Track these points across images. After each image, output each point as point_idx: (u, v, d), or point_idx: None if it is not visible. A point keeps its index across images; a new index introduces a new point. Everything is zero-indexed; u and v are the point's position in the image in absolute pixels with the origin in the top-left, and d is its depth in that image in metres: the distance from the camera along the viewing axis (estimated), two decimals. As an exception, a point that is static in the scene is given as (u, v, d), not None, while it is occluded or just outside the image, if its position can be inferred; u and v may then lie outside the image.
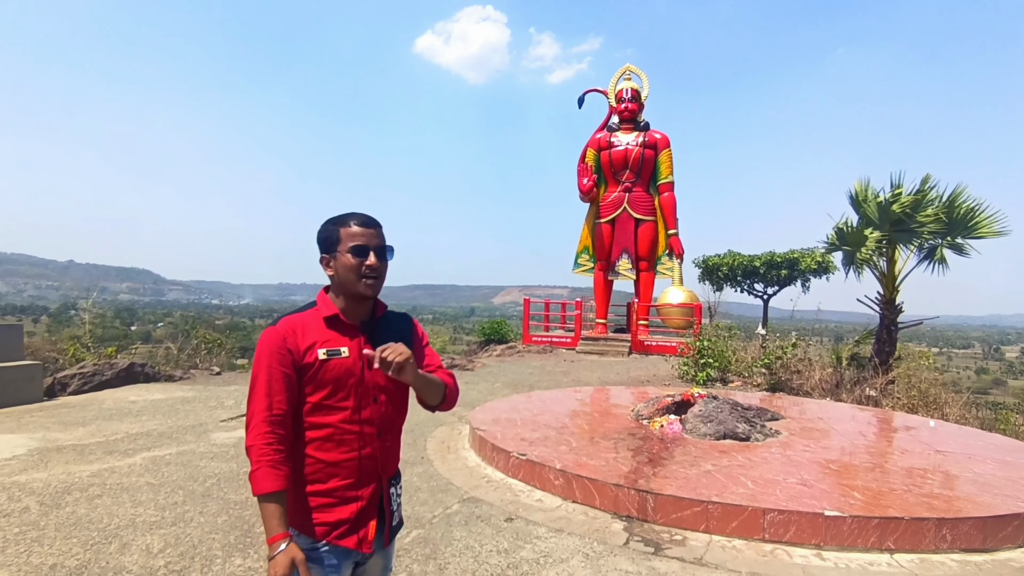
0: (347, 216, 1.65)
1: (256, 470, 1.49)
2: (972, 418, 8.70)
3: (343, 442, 1.60)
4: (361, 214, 1.65)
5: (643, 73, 17.13)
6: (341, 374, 1.59)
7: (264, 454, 1.49)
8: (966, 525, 3.63)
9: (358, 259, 1.59)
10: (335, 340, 1.62)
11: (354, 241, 1.60)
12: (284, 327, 1.58)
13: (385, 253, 1.65)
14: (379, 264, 1.62)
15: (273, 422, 1.52)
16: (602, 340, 15.93)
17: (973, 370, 49.74)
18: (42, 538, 3.50)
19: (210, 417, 6.88)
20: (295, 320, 1.62)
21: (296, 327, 1.59)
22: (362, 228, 1.62)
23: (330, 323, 1.63)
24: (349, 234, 1.61)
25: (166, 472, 4.79)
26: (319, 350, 1.58)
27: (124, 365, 9.11)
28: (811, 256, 17.02)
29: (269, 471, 1.48)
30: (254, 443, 1.50)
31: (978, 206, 8.93)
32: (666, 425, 5.85)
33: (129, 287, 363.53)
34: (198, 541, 3.52)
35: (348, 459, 1.61)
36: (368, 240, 1.61)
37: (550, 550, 3.55)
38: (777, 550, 3.59)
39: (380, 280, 1.64)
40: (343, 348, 1.61)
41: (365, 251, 1.60)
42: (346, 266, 1.60)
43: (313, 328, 1.61)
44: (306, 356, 1.57)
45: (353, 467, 1.61)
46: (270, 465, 1.49)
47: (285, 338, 1.56)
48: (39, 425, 6.30)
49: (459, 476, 4.94)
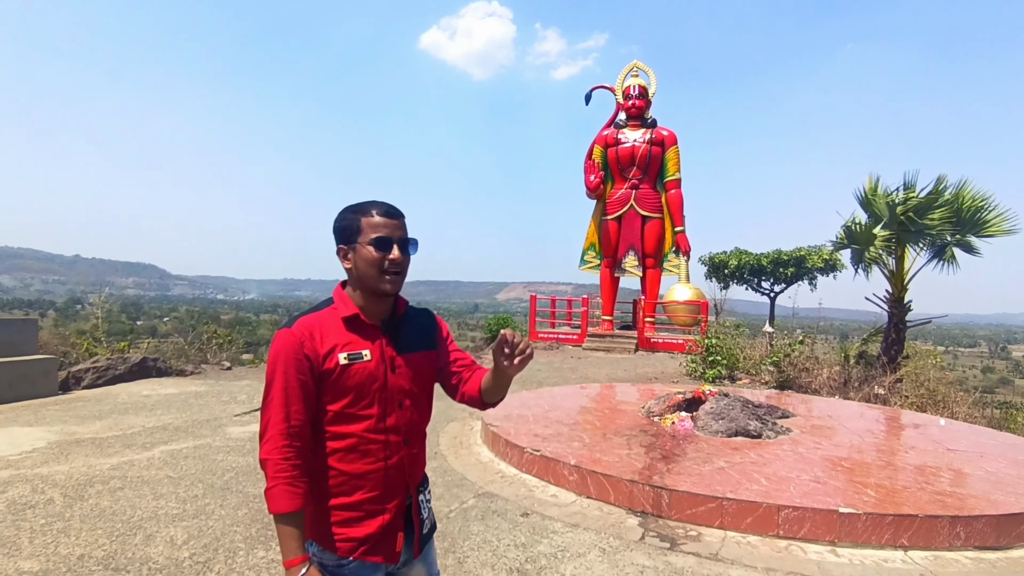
0: (369, 204, 1.51)
1: (272, 487, 1.38)
2: (980, 417, 8.72)
3: (368, 452, 1.49)
4: (384, 203, 1.52)
5: (650, 70, 17.10)
6: (364, 379, 1.47)
7: (281, 470, 1.38)
8: (980, 523, 3.65)
9: (380, 253, 1.47)
10: (356, 343, 1.49)
11: (376, 232, 1.47)
12: (300, 329, 1.45)
13: (409, 246, 1.53)
14: (402, 258, 1.49)
15: (291, 434, 1.41)
16: (608, 337, 15.96)
17: (979, 368, 49.58)
18: (68, 529, 3.56)
19: (224, 411, 6.94)
20: (312, 321, 1.48)
21: (313, 329, 1.46)
22: (385, 219, 1.49)
23: (350, 324, 1.51)
24: (371, 224, 1.48)
25: (184, 465, 4.86)
26: (340, 354, 1.46)
27: (137, 360, 9.20)
28: (818, 254, 17.00)
29: (287, 489, 1.38)
30: (270, 457, 1.40)
31: (987, 203, 8.90)
32: (677, 422, 5.89)
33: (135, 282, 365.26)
34: (220, 533, 3.58)
35: (373, 470, 1.49)
36: (392, 232, 1.48)
37: (567, 544, 3.59)
38: (792, 546, 3.63)
39: (402, 275, 1.52)
40: (365, 351, 1.49)
41: (388, 244, 1.47)
42: (367, 260, 1.47)
43: (332, 330, 1.49)
44: (326, 361, 1.45)
45: (379, 479, 1.50)
46: (287, 482, 1.38)
47: (302, 342, 1.43)
48: (56, 418, 6.37)
49: (473, 471, 4.98)
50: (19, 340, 7.83)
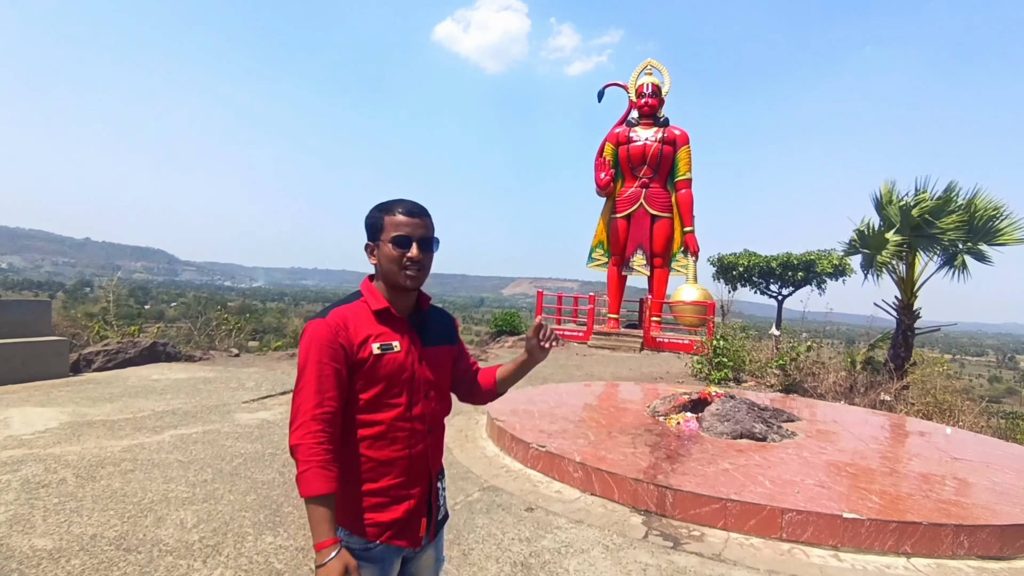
0: (393, 203, 1.58)
1: (305, 471, 1.40)
2: (987, 426, 8.68)
3: (396, 439, 1.56)
4: (408, 201, 1.58)
5: (664, 68, 17.03)
6: (394, 370, 1.55)
7: (314, 454, 1.41)
8: (984, 532, 3.66)
9: (400, 250, 1.54)
10: (388, 334, 1.57)
11: (397, 231, 1.54)
12: (335, 319, 1.52)
13: (430, 244, 1.59)
14: (421, 256, 1.55)
15: (324, 420, 1.44)
16: (614, 335, 15.96)
17: (986, 378, 49.23)
18: (80, 509, 3.63)
19: (232, 398, 7.01)
20: (345, 312, 1.55)
21: (347, 320, 1.53)
22: (407, 217, 1.55)
23: (380, 316, 1.58)
24: (393, 223, 1.55)
25: (194, 450, 4.92)
26: (373, 344, 1.53)
27: (147, 344, 9.30)
28: (827, 259, 16.90)
29: (320, 472, 1.40)
30: (302, 441, 1.42)
31: (1000, 211, 8.84)
32: (683, 422, 5.90)
33: (144, 266, 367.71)
34: (229, 518, 3.63)
35: (400, 457, 1.56)
36: (412, 230, 1.55)
37: (571, 540, 3.62)
38: (794, 549, 3.65)
39: (423, 272, 1.58)
40: (395, 343, 1.57)
41: (408, 242, 1.54)
42: (388, 256, 1.55)
43: (364, 321, 1.55)
44: (360, 351, 1.51)
45: (405, 465, 1.57)
46: (320, 466, 1.40)
47: (337, 331, 1.50)
48: (68, 400, 6.46)
49: (478, 465, 5.02)
50: (33, 320, 7.94)
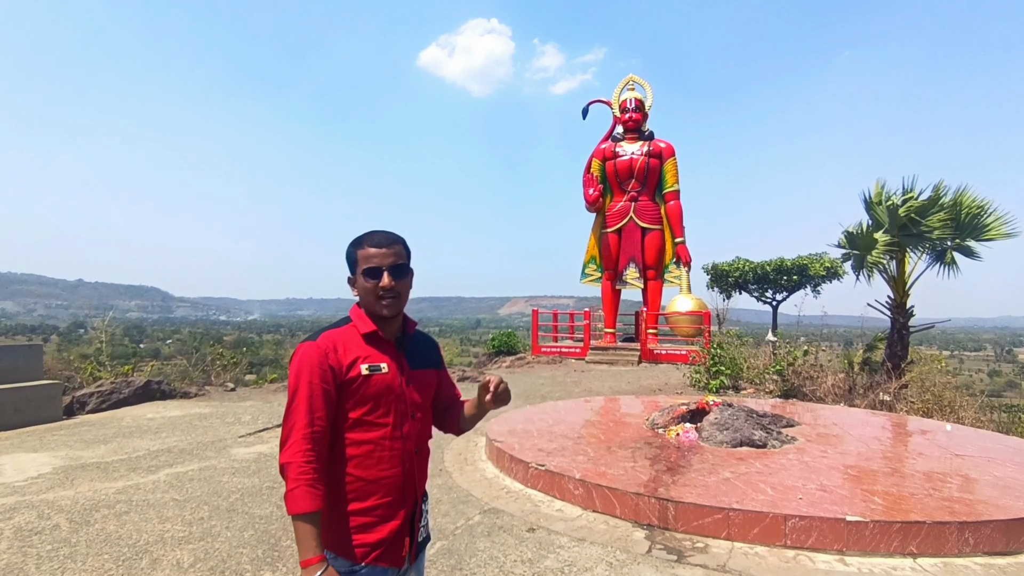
0: (364, 237, 1.65)
1: (293, 488, 1.46)
2: (988, 421, 8.66)
3: (383, 459, 1.60)
4: (378, 233, 1.65)
5: (646, 83, 17.27)
6: (382, 390, 1.60)
7: (303, 472, 1.46)
8: (989, 528, 3.63)
9: (372, 281, 1.60)
10: (375, 356, 1.62)
11: (368, 263, 1.61)
12: (325, 342, 1.58)
13: (402, 271, 1.64)
14: (393, 285, 1.61)
15: (313, 439, 1.50)
16: (611, 349, 15.94)
17: (986, 372, 49.25)
18: (74, 555, 3.56)
19: (228, 433, 6.94)
20: (335, 335, 1.61)
21: (336, 342, 1.59)
22: (375, 249, 1.61)
23: (369, 339, 1.64)
24: (364, 256, 1.62)
25: (190, 488, 4.85)
26: (361, 365, 1.58)
27: (141, 383, 9.21)
28: (820, 262, 17.01)
29: (307, 490, 1.45)
30: (292, 460, 1.47)
31: (986, 207, 8.95)
32: (682, 433, 5.87)
33: (138, 304, 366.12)
34: (227, 555, 3.57)
35: (387, 476, 1.60)
36: (381, 260, 1.60)
37: (574, 559, 3.58)
38: (800, 556, 3.61)
39: (399, 299, 1.64)
40: (383, 364, 1.62)
41: (378, 273, 1.60)
42: (364, 288, 1.62)
43: (353, 343, 1.61)
44: (349, 371, 1.57)
45: (391, 484, 1.61)
46: (308, 484, 1.46)
47: (327, 353, 1.55)
48: (61, 443, 6.38)
49: (478, 487, 4.97)
50: (24, 365, 7.87)
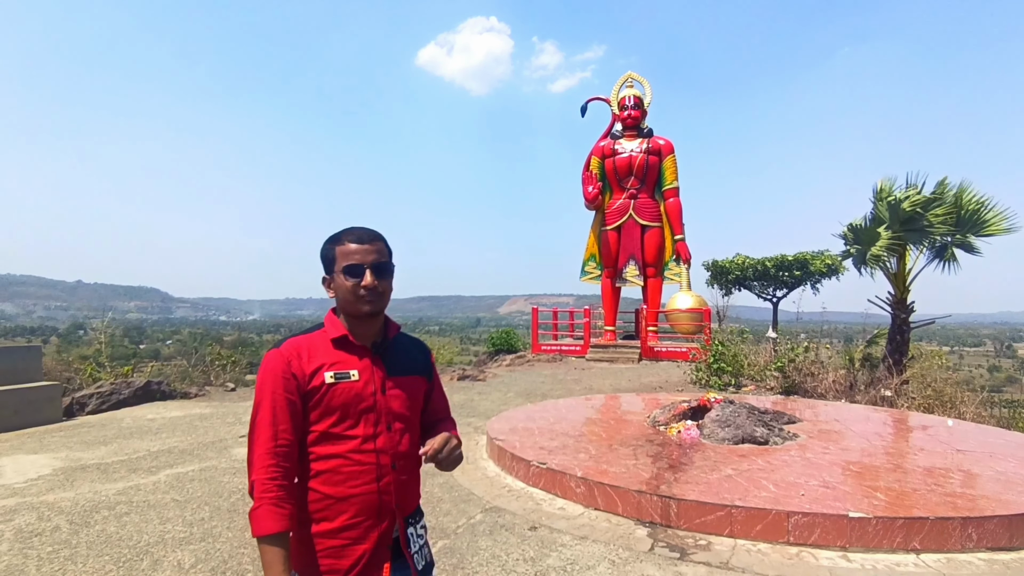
0: (343, 233, 1.54)
1: (257, 507, 1.36)
2: (989, 416, 8.66)
3: (352, 474, 1.46)
4: (357, 229, 1.55)
5: (645, 80, 17.25)
6: (350, 399, 1.48)
7: (267, 490, 1.37)
8: (992, 523, 3.62)
9: (353, 280, 1.49)
10: (344, 362, 1.51)
11: (348, 260, 1.50)
12: (288, 349, 1.48)
13: (384, 269, 1.53)
14: (375, 283, 1.50)
15: (278, 454, 1.40)
16: (612, 347, 15.93)
17: (986, 368, 49.29)
18: (75, 556, 3.55)
19: (228, 433, 6.93)
20: (300, 342, 1.51)
21: (301, 349, 1.49)
22: (357, 245, 1.51)
23: (338, 344, 1.53)
24: (343, 253, 1.51)
25: (190, 488, 4.84)
26: (326, 373, 1.47)
27: (141, 383, 9.20)
28: (821, 259, 16.99)
29: (272, 509, 1.36)
30: (257, 478, 1.38)
31: (986, 203, 8.95)
32: (683, 431, 5.86)
33: (137, 305, 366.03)
34: (228, 556, 3.56)
35: (358, 494, 1.46)
36: (363, 258, 1.50)
37: (576, 557, 3.57)
38: (803, 553, 3.60)
39: (381, 298, 1.53)
40: (352, 371, 1.50)
41: (359, 270, 1.49)
42: (342, 287, 1.51)
43: (320, 350, 1.51)
44: (312, 380, 1.46)
45: (363, 502, 1.47)
46: (272, 503, 1.36)
47: (289, 361, 1.45)
48: (61, 445, 6.36)
49: (480, 486, 4.96)
50: (23, 367, 7.84)
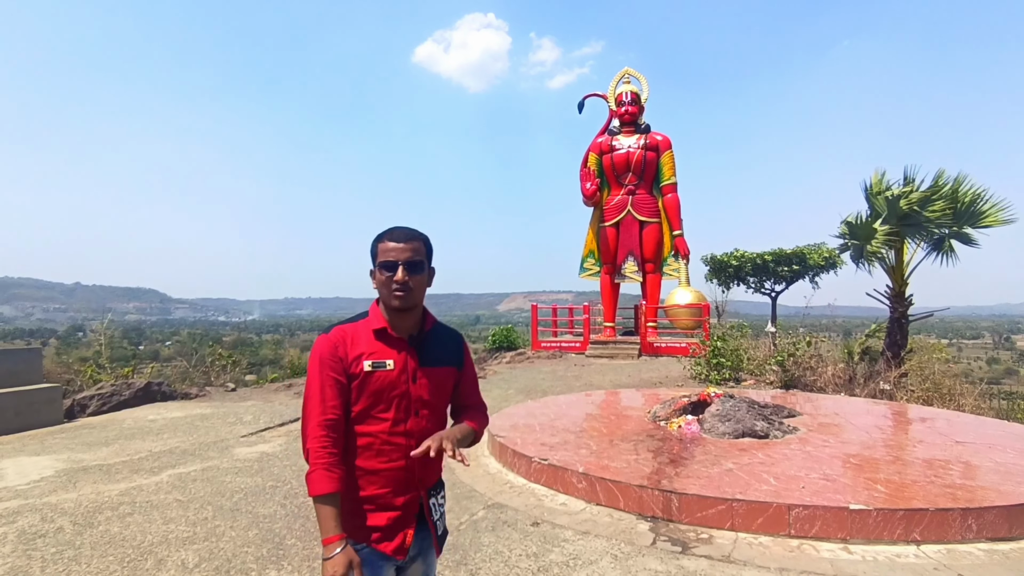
0: (386, 232, 1.70)
1: (312, 472, 1.56)
2: (988, 408, 8.70)
3: (382, 452, 1.66)
4: (398, 229, 1.70)
5: (642, 76, 17.22)
6: (384, 386, 1.66)
7: (319, 456, 1.56)
8: (991, 514, 3.65)
9: (387, 274, 1.66)
10: (382, 352, 1.68)
11: (385, 257, 1.66)
12: (336, 335, 1.66)
13: (417, 267, 1.67)
14: (406, 279, 1.64)
15: (327, 425, 1.59)
16: (611, 343, 15.94)
17: (984, 360, 49.41)
18: (79, 557, 3.56)
19: (230, 433, 6.94)
20: (347, 329, 1.69)
21: (347, 336, 1.67)
22: (393, 243, 1.67)
23: (378, 335, 1.69)
24: (383, 249, 1.67)
25: (193, 488, 4.85)
26: (365, 361, 1.64)
27: (141, 384, 9.20)
28: (818, 252, 17.00)
29: (324, 473, 1.55)
30: (311, 447, 1.58)
31: (983, 194, 8.96)
32: (684, 425, 5.88)
33: (136, 307, 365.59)
34: (232, 555, 3.57)
35: (386, 469, 1.67)
36: (398, 255, 1.65)
37: (579, 552, 3.58)
38: (804, 545, 3.62)
39: (412, 294, 1.67)
40: (388, 361, 1.67)
41: (393, 266, 1.65)
42: (379, 281, 1.68)
43: (363, 339, 1.68)
44: (353, 366, 1.64)
45: (391, 476, 1.67)
46: (324, 467, 1.55)
47: (336, 345, 1.64)
48: (63, 446, 6.37)
49: (482, 483, 4.98)
50: (24, 369, 7.85)
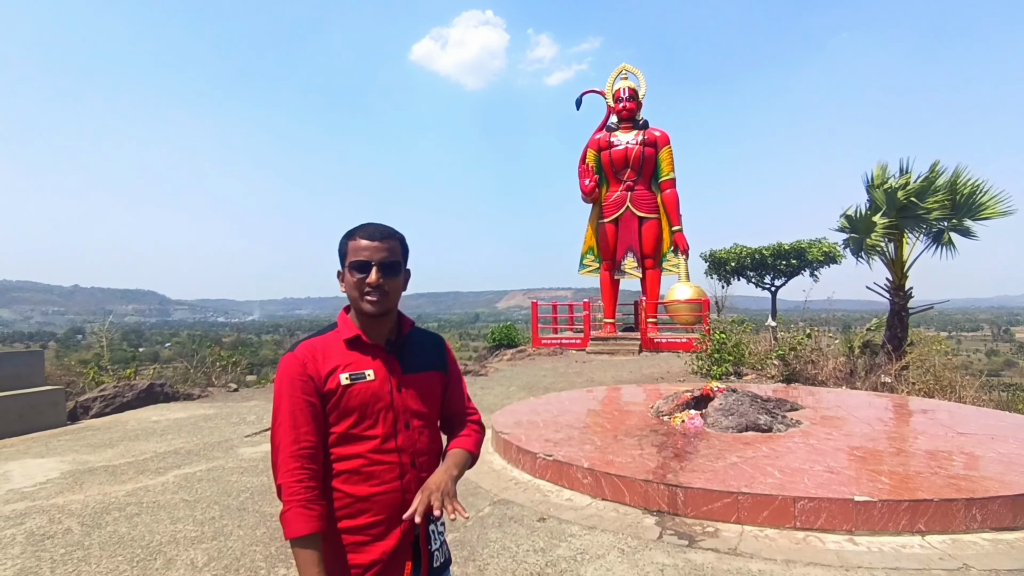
0: (357, 229, 1.55)
1: (287, 511, 1.36)
2: (988, 400, 8.73)
3: (373, 474, 1.47)
4: (371, 226, 1.54)
5: (639, 72, 17.23)
6: (367, 399, 1.48)
7: (294, 492, 1.36)
8: (995, 504, 3.67)
9: (358, 275, 1.49)
10: (358, 362, 1.50)
11: (356, 256, 1.50)
12: (303, 352, 1.48)
13: (393, 268, 1.51)
14: (381, 281, 1.49)
15: (302, 456, 1.40)
16: (612, 340, 15.97)
17: (984, 352, 49.55)
18: (88, 557, 3.57)
19: (234, 433, 6.95)
20: (315, 344, 1.51)
21: (316, 351, 1.49)
22: (367, 241, 1.50)
23: (351, 345, 1.53)
24: (354, 248, 1.51)
25: (199, 488, 4.87)
26: (341, 375, 1.47)
27: (144, 386, 9.21)
28: (818, 247, 17.06)
29: (301, 511, 1.35)
30: (284, 481, 1.38)
31: (981, 186, 8.98)
32: (687, 420, 5.90)
33: (135, 308, 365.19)
34: (240, 554, 3.58)
35: (379, 492, 1.47)
36: (371, 255, 1.49)
37: (585, 547, 3.60)
38: (810, 537, 3.64)
39: (386, 297, 1.51)
40: (368, 371, 1.50)
41: (366, 267, 1.49)
42: (349, 283, 1.52)
43: (334, 351, 1.51)
44: (328, 382, 1.46)
45: (385, 501, 1.47)
46: (301, 504, 1.36)
47: (305, 364, 1.46)
48: (67, 448, 6.38)
49: (487, 479, 4.99)
50: (26, 372, 7.85)
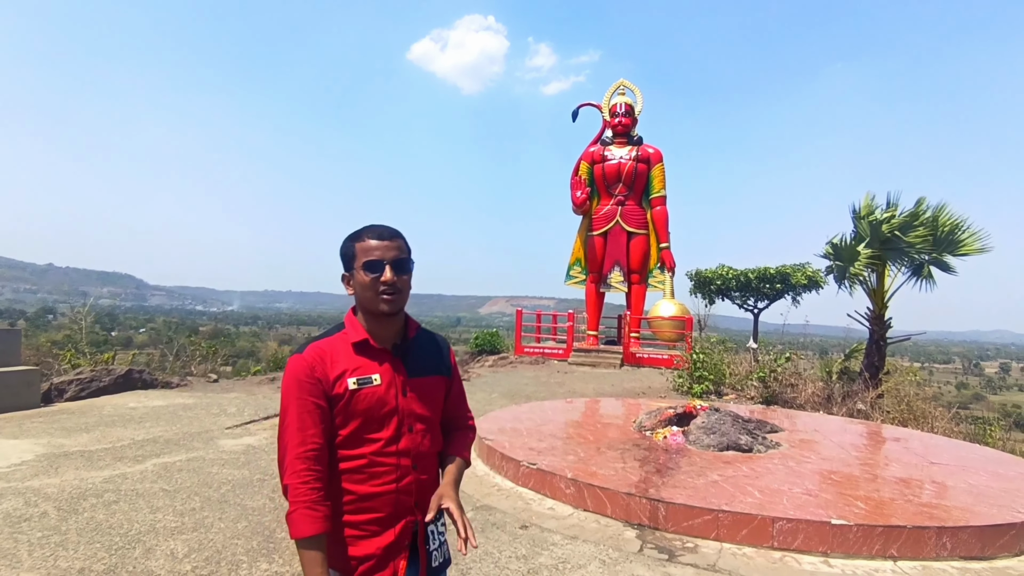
0: (363, 230, 1.57)
1: (293, 511, 1.39)
2: (958, 432, 8.95)
3: (376, 475, 1.51)
4: (379, 226, 1.57)
5: (637, 88, 17.44)
6: (373, 404, 1.51)
7: (300, 494, 1.40)
8: (965, 534, 3.78)
9: (372, 275, 1.51)
10: (366, 367, 1.53)
11: (368, 256, 1.52)
12: (312, 354, 1.50)
13: (404, 266, 1.55)
14: (395, 279, 1.52)
15: (308, 458, 1.42)
16: (594, 352, 16.04)
17: (954, 384, 50.64)
18: (65, 543, 3.52)
19: (214, 424, 6.88)
20: (323, 346, 1.53)
21: (324, 354, 1.51)
22: (377, 241, 1.53)
23: (359, 348, 1.55)
24: (364, 249, 1.53)
25: (179, 478, 4.82)
26: (349, 379, 1.50)
27: (122, 372, 9.06)
28: (802, 271, 17.36)
29: (307, 513, 1.39)
30: (290, 482, 1.41)
31: (961, 224, 9.26)
32: (669, 436, 5.97)
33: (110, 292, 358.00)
34: (221, 546, 3.56)
35: (381, 492, 1.51)
36: (383, 253, 1.52)
37: (567, 556, 3.64)
38: (786, 557, 3.72)
39: (400, 295, 1.54)
40: (375, 376, 1.53)
41: (379, 266, 1.51)
42: (362, 284, 1.53)
43: (342, 354, 1.53)
44: (335, 386, 1.48)
45: (386, 500, 1.52)
46: (307, 506, 1.39)
47: (313, 367, 1.48)
48: (42, 431, 6.27)
49: (469, 484, 5.00)
50: (2, 350, 7.69)
